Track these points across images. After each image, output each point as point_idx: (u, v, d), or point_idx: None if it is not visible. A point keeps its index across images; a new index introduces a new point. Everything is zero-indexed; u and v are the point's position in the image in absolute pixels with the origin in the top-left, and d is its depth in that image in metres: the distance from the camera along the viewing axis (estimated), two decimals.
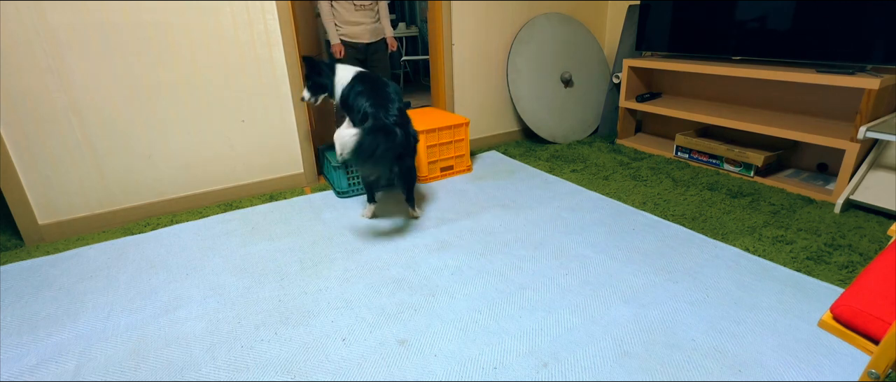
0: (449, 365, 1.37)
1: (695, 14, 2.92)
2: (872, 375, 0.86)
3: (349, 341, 1.48)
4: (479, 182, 2.78)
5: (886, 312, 0.88)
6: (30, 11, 1.95)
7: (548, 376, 1.32)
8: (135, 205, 2.39)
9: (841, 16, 2.30)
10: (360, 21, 2.97)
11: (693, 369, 1.33)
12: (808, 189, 2.48)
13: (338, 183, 2.60)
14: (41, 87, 2.05)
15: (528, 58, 3.32)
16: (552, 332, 1.49)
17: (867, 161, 2.30)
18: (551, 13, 3.40)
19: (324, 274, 1.85)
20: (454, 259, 1.93)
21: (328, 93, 2.30)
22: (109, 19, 2.10)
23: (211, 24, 2.31)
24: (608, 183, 2.71)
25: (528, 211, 2.35)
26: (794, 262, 1.84)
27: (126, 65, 2.19)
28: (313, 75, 2.25)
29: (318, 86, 2.28)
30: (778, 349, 1.39)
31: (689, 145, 2.97)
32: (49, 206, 2.21)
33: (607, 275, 1.79)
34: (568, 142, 3.52)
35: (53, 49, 2.03)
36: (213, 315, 1.63)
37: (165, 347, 1.48)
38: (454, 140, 2.84)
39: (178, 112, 2.37)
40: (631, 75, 3.33)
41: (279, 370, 1.37)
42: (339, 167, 2.54)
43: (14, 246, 2.17)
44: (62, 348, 1.49)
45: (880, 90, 2.20)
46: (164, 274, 1.88)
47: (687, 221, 2.21)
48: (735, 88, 3.04)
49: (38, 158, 2.13)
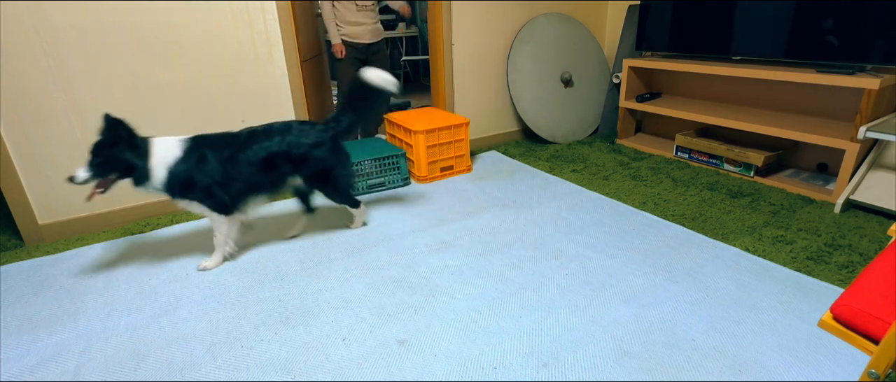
0: (449, 365, 1.37)
1: (695, 14, 2.92)
2: (872, 375, 0.86)
3: (349, 341, 1.48)
4: (479, 182, 2.78)
5: (886, 312, 0.88)
6: (30, 11, 1.95)
7: (548, 376, 1.32)
8: (135, 205, 2.39)
9: (841, 16, 2.30)
10: (362, 21, 2.98)
11: (693, 369, 1.33)
12: (808, 189, 2.48)
13: None
14: (41, 87, 2.05)
15: (528, 58, 3.32)
16: (552, 332, 1.49)
17: (867, 161, 2.30)
18: (551, 13, 3.40)
19: (324, 274, 1.85)
20: (454, 259, 1.93)
21: (126, 176, 1.66)
22: (109, 19, 2.10)
23: (211, 24, 2.31)
24: (608, 183, 2.71)
25: (528, 211, 2.35)
26: (794, 262, 1.84)
27: (126, 66, 2.19)
28: (109, 148, 1.60)
29: (110, 164, 1.61)
30: (778, 349, 1.39)
31: (689, 145, 2.97)
32: (49, 206, 2.21)
33: (607, 275, 1.79)
34: (568, 142, 3.52)
35: (53, 49, 2.03)
36: (213, 315, 1.63)
37: (165, 347, 1.48)
38: (454, 140, 2.84)
39: (178, 112, 2.37)
40: (631, 75, 3.33)
41: (279, 370, 1.37)
42: None
43: (14, 246, 2.17)
44: (62, 348, 1.49)
45: (880, 90, 2.20)
46: (164, 274, 1.88)
47: (687, 221, 2.21)
48: (735, 88, 3.04)
49: (38, 158, 2.13)
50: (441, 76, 3.16)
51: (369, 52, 3.09)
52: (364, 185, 2.62)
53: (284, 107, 2.63)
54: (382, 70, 1.96)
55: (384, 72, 1.95)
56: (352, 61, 3.07)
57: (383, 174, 2.67)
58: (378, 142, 2.92)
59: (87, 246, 2.14)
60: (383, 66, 3.18)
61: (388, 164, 2.66)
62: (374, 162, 2.60)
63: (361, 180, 2.61)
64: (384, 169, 2.66)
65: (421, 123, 2.75)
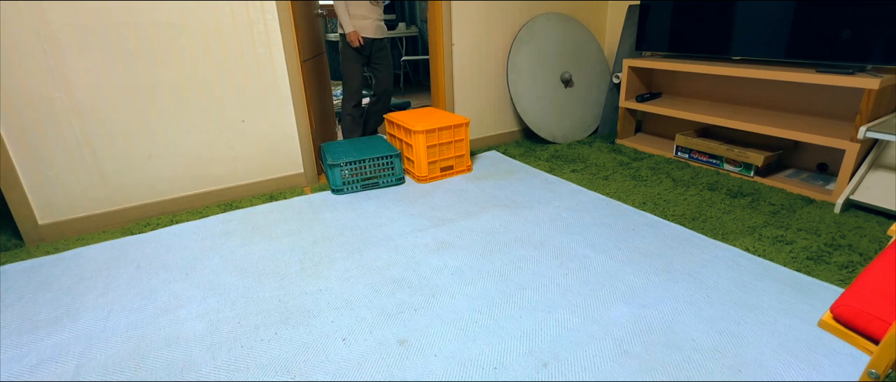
0: (449, 365, 1.37)
1: (695, 14, 2.92)
2: (872, 375, 0.86)
3: (349, 341, 1.48)
4: (479, 182, 2.78)
5: (886, 312, 0.88)
6: (30, 11, 1.95)
7: (548, 376, 1.32)
8: (135, 205, 2.39)
9: (841, 16, 2.30)
10: (368, 15, 3.02)
11: (693, 369, 1.33)
12: (808, 189, 2.48)
13: (332, 180, 2.65)
14: (41, 87, 2.05)
15: (528, 58, 3.32)
16: (552, 332, 1.49)
17: (867, 161, 2.30)
18: (551, 13, 3.40)
19: (324, 274, 1.85)
20: (454, 259, 1.93)
21: None
22: (109, 19, 2.10)
23: (211, 24, 2.31)
24: (608, 183, 2.71)
25: (528, 211, 2.35)
26: (794, 262, 1.84)
27: (126, 65, 2.19)
28: None
29: None
30: (778, 349, 1.39)
31: (689, 145, 2.97)
32: (49, 206, 2.21)
33: (607, 275, 1.79)
34: (568, 142, 3.52)
35: (53, 49, 2.03)
36: (213, 315, 1.63)
37: (165, 347, 1.48)
38: (454, 140, 2.84)
39: (178, 112, 2.37)
40: (631, 75, 3.33)
41: (279, 370, 1.37)
42: (335, 165, 2.57)
43: (14, 246, 2.17)
44: (62, 348, 1.49)
45: (880, 90, 2.20)
46: (164, 274, 1.88)
47: (687, 221, 2.21)
48: (735, 88, 3.04)
49: (38, 158, 2.13)
50: (441, 76, 3.16)
51: (373, 48, 3.11)
52: (359, 184, 2.70)
53: (284, 107, 2.63)
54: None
55: None
56: (356, 57, 3.08)
57: (378, 174, 2.74)
58: (377, 141, 2.95)
59: (87, 246, 2.14)
60: (386, 64, 3.20)
61: (383, 164, 2.72)
62: (370, 162, 2.67)
63: (356, 179, 2.68)
64: (379, 168, 2.73)
65: (421, 123, 2.75)
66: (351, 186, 2.67)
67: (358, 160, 2.63)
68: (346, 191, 2.67)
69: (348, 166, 2.62)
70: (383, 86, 3.26)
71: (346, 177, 2.64)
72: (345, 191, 2.67)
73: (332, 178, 2.67)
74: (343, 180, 2.64)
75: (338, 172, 2.61)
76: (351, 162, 2.62)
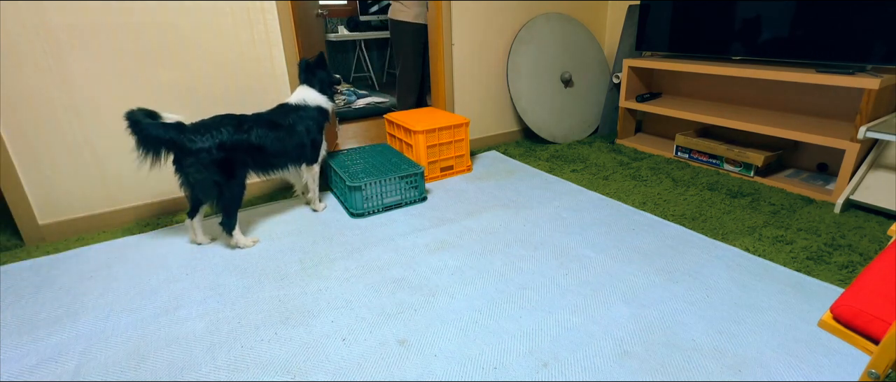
0: (449, 365, 1.37)
1: (694, 14, 2.92)
2: (872, 375, 0.86)
3: (349, 341, 1.48)
4: (479, 182, 2.78)
5: (886, 312, 0.88)
6: (30, 11, 1.95)
7: (548, 376, 1.32)
8: (135, 205, 2.39)
9: (840, 16, 2.30)
10: (422, 2, 3.36)
11: (693, 369, 1.33)
12: (808, 189, 2.48)
13: (352, 204, 2.33)
14: (41, 87, 2.05)
15: (528, 58, 3.32)
16: (552, 332, 1.49)
17: (867, 161, 2.30)
18: (551, 13, 3.40)
19: (324, 274, 1.85)
20: (454, 259, 1.93)
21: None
22: (109, 20, 2.10)
23: (211, 24, 2.31)
24: (608, 183, 2.71)
25: (528, 211, 2.35)
26: (794, 262, 1.84)
27: (126, 66, 2.19)
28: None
29: None
30: (778, 349, 1.39)
31: (689, 145, 2.97)
32: (49, 206, 2.21)
33: (607, 275, 1.79)
34: (568, 142, 3.52)
35: (53, 49, 2.03)
36: (213, 315, 1.63)
37: (165, 347, 1.48)
38: (454, 140, 2.84)
39: (178, 112, 2.36)
40: (631, 75, 3.33)
41: (279, 370, 1.37)
42: (356, 187, 2.28)
43: (14, 246, 2.17)
44: (62, 348, 1.49)
45: (880, 90, 2.20)
46: (164, 274, 1.88)
47: (687, 221, 2.21)
48: (735, 88, 3.04)
49: (38, 158, 2.13)
50: (441, 76, 3.16)
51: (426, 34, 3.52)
52: (380, 205, 2.39)
53: None
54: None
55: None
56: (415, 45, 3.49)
57: (401, 192, 2.47)
58: (389, 153, 2.80)
59: (87, 246, 2.14)
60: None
61: (408, 183, 2.47)
62: (395, 180, 2.40)
63: (376, 200, 2.37)
64: (403, 188, 2.47)
65: (421, 123, 2.75)
66: (374, 206, 2.37)
67: (383, 179, 2.35)
68: (367, 213, 2.35)
69: (371, 187, 2.31)
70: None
71: (370, 199, 2.34)
72: (366, 213, 2.34)
73: (350, 201, 2.34)
74: (364, 204, 2.32)
75: (359, 196, 2.30)
76: (372, 183, 2.31)
